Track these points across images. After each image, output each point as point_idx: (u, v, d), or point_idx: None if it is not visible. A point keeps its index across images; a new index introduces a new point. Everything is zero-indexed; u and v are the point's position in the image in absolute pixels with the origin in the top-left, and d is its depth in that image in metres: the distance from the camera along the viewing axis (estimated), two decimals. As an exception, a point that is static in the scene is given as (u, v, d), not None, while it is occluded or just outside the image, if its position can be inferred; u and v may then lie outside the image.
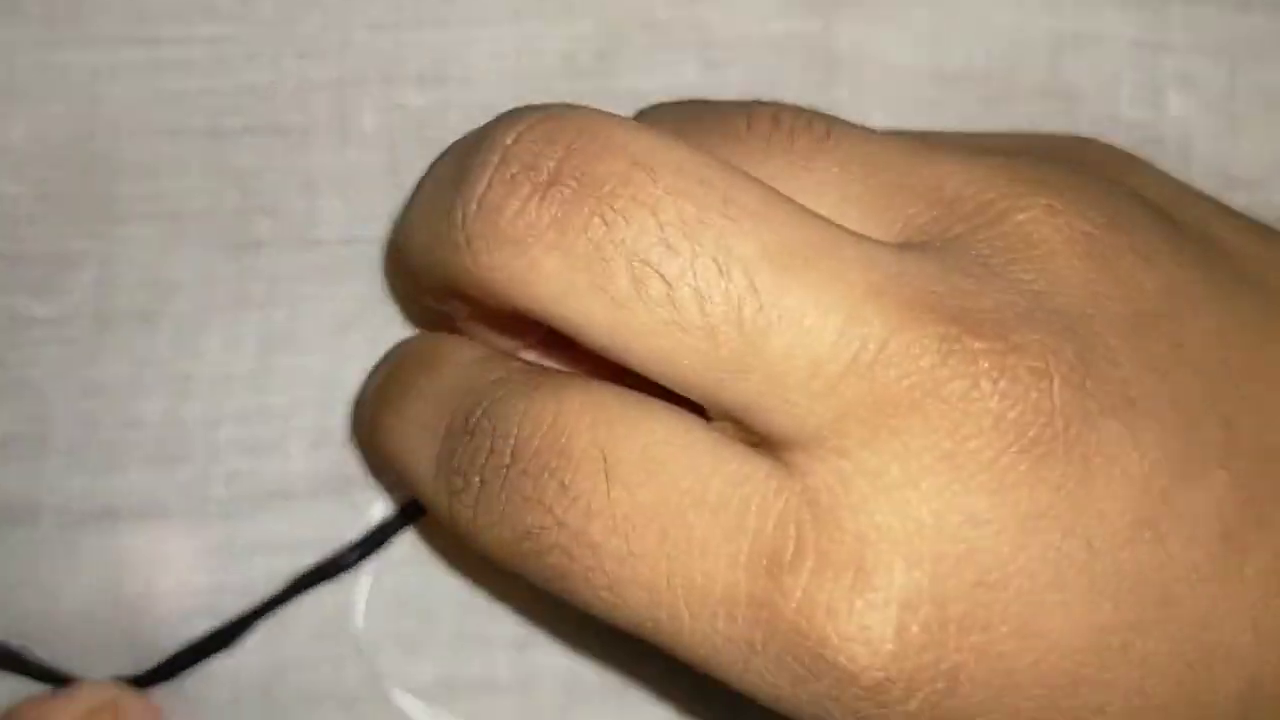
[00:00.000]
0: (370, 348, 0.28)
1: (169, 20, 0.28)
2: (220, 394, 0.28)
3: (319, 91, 0.28)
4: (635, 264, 0.18)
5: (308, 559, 0.28)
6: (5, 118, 0.28)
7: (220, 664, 0.28)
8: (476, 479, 0.20)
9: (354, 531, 0.28)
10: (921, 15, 0.28)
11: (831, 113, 0.25)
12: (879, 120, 0.28)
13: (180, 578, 0.28)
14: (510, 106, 0.27)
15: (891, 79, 0.28)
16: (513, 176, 0.19)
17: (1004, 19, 0.26)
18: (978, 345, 0.18)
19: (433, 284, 0.21)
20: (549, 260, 0.18)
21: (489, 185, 0.19)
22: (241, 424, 0.28)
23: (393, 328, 0.28)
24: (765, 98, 0.27)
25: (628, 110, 0.28)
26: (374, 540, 0.28)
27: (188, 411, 0.28)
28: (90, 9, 0.28)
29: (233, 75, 0.28)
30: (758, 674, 0.19)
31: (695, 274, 0.18)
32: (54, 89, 0.28)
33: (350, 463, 0.29)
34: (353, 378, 0.28)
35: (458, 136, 0.27)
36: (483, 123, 0.25)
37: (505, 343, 0.23)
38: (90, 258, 0.28)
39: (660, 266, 0.18)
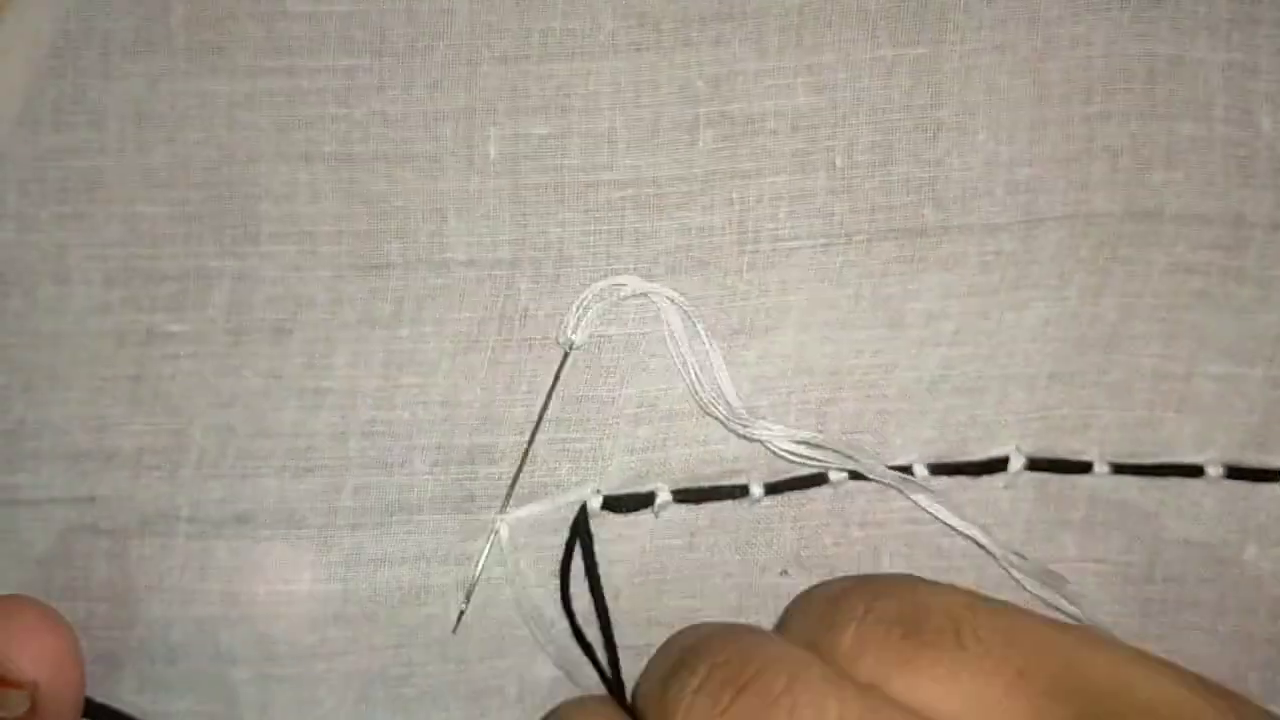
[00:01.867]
0: (491, 369, 0.30)
1: (306, 52, 0.29)
2: (348, 408, 0.30)
3: (447, 120, 0.30)
4: None
5: (433, 571, 0.29)
6: (148, 142, 0.30)
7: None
8: None
9: (475, 547, 0.30)
10: (1022, 38, 0.30)
11: (938, 133, 0.26)
12: (983, 140, 0.30)
13: (310, 585, 0.30)
14: (628, 135, 0.29)
15: (995, 100, 0.30)
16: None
17: (1100, 41, 0.27)
18: None
19: None
20: None
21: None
22: (368, 439, 0.30)
23: (509, 349, 0.30)
24: (870, 122, 0.29)
25: (742, 132, 0.29)
26: None
27: (317, 424, 0.30)
28: (233, 41, 0.29)
29: (365, 103, 0.30)
30: None
31: None
32: (195, 115, 0.30)
33: (471, 480, 0.30)
34: (474, 397, 0.30)
35: (578, 164, 0.29)
36: (600, 151, 0.29)
37: None
38: (225, 276, 0.30)
39: None
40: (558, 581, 0.30)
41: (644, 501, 0.30)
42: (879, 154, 0.30)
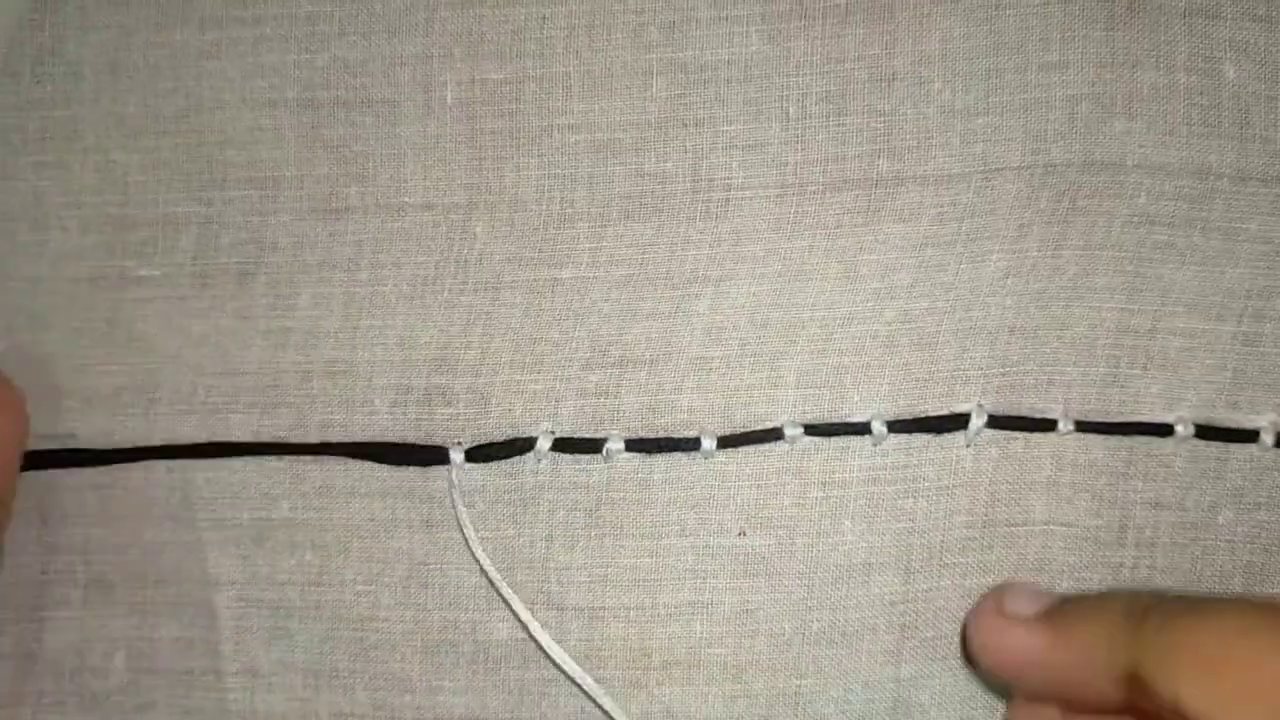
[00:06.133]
0: (447, 311, 0.30)
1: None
2: (311, 348, 0.31)
3: (405, 66, 0.31)
4: None
5: (399, 506, 0.31)
6: (119, 92, 0.31)
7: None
8: None
9: (436, 480, 0.30)
10: (978, -12, 0.30)
11: (892, 82, 0.27)
12: (938, 89, 0.30)
13: (289, 513, 0.31)
14: (582, 81, 0.30)
15: (951, 48, 0.30)
16: None
17: (1058, -11, 0.27)
18: None
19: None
20: None
21: None
22: (330, 379, 0.31)
23: (466, 292, 0.31)
24: (824, 71, 0.29)
25: (695, 80, 0.30)
26: None
27: (283, 363, 0.31)
28: (200, -9, 0.31)
29: (326, 50, 0.31)
30: None
31: None
32: (164, 65, 0.31)
33: (428, 421, 0.31)
34: (430, 339, 0.30)
35: (533, 109, 0.30)
36: (555, 96, 0.30)
37: None
38: (193, 221, 0.31)
39: None
40: (514, 527, 0.30)
41: (596, 447, 0.30)
42: (833, 104, 0.30)
